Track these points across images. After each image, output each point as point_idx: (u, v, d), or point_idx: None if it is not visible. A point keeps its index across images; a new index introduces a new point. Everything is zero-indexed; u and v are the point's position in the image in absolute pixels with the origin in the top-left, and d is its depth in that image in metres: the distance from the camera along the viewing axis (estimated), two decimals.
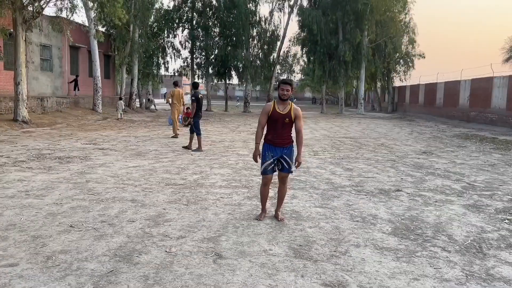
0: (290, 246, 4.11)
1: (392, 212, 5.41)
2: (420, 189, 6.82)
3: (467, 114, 24.14)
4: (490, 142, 14.43)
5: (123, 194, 6.04)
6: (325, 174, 7.92)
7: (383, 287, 3.23)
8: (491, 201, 6.07)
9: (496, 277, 3.48)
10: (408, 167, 8.92)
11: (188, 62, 34.83)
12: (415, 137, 16.05)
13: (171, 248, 3.95)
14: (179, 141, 13.05)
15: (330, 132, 17.86)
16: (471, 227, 4.81)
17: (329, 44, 32.93)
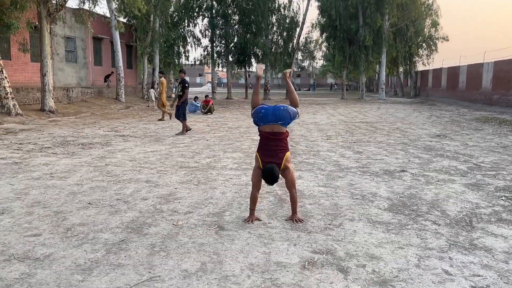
0: (285, 226, 4.41)
1: (392, 190, 5.64)
2: (425, 169, 6.99)
3: (490, 97, 23.71)
4: (509, 125, 14.28)
5: (139, 176, 6.45)
6: (334, 157, 8.16)
7: (368, 254, 3.51)
8: (493, 180, 6.21)
9: (478, 246, 3.70)
10: (418, 150, 9.05)
11: (208, 51, 35.18)
12: (432, 121, 16.00)
13: (178, 222, 4.31)
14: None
15: (347, 117, 17.95)
16: (467, 204, 5.01)
17: (349, 29, 32.63)
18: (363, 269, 3.24)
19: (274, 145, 4.23)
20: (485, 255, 3.50)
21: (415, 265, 3.31)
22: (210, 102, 19.57)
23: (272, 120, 4.24)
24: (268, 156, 4.20)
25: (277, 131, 4.25)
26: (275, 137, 4.25)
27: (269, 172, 4.09)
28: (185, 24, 34.51)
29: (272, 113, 4.24)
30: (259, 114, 4.29)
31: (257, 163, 4.28)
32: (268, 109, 4.27)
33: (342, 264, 3.33)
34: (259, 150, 4.32)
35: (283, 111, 4.25)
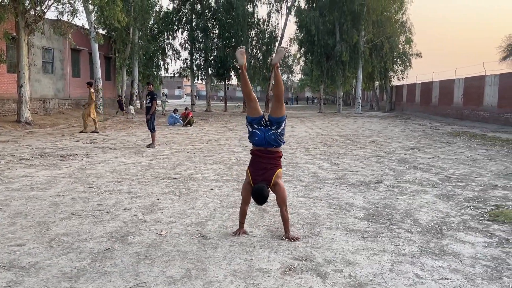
0: (269, 228, 4.58)
1: (368, 201, 5.87)
2: (399, 181, 7.27)
3: (461, 112, 24.57)
4: (479, 139, 14.86)
5: (121, 187, 6.51)
6: (312, 169, 8.39)
7: (345, 260, 3.69)
8: (462, 191, 6.52)
9: (447, 252, 3.94)
10: (392, 162, 9.38)
11: (187, 63, 35.35)
12: (407, 135, 16.50)
13: (161, 231, 4.42)
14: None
15: (325, 130, 18.32)
16: (437, 213, 5.27)
17: (327, 44, 33.36)
18: (341, 274, 3.42)
19: (265, 162, 4.21)
20: (453, 260, 3.73)
21: (389, 269, 3.51)
22: (190, 115, 19.66)
23: (265, 145, 4.22)
24: (258, 173, 4.18)
25: (270, 150, 4.25)
26: (267, 155, 4.23)
27: (258, 193, 4.07)
28: (165, 37, 34.67)
29: (265, 140, 4.18)
30: (253, 140, 4.27)
31: (247, 178, 4.28)
32: (260, 137, 4.18)
33: (320, 269, 3.50)
34: (250, 167, 4.29)
35: (275, 136, 4.17)
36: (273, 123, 4.17)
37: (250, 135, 4.30)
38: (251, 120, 4.26)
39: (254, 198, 4.13)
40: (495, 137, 15.51)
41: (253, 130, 4.24)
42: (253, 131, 4.24)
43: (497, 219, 4.99)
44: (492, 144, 13.18)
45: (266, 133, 4.17)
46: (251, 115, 4.26)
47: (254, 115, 4.24)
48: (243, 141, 13.43)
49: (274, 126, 4.17)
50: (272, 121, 4.18)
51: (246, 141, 13.23)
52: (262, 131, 4.19)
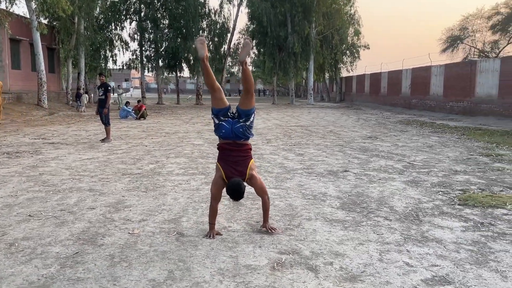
0: (248, 222, 4.39)
1: (340, 189, 5.84)
2: (365, 169, 7.32)
3: (409, 101, 25.50)
4: (429, 127, 15.44)
5: (80, 184, 6.07)
6: (278, 159, 8.28)
7: (332, 252, 3.59)
8: (427, 177, 6.66)
9: (429, 238, 3.94)
10: (354, 151, 9.47)
11: (137, 55, 34.19)
12: (361, 124, 16.85)
13: (134, 230, 4.12)
14: None
15: (281, 121, 18.34)
16: (410, 199, 5.31)
17: (279, 36, 33.42)
18: (331, 266, 3.30)
19: (235, 155, 3.95)
20: (437, 246, 3.73)
21: (378, 259, 3.44)
22: (143, 107, 18.99)
23: (233, 138, 3.94)
24: (230, 167, 3.92)
25: (238, 143, 3.98)
26: (236, 148, 3.97)
27: (234, 188, 3.79)
28: (112, 27, 33.26)
29: (232, 133, 3.90)
30: (219, 132, 3.97)
31: (218, 173, 3.98)
32: (227, 129, 3.90)
33: (310, 263, 3.37)
34: (220, 161, 4.01)
35: (243, 129, 3.90)
36: (242, 115, 3.90)
37: (216, 127, 4.00)
38: (217, 112, 3.95)
39: (230, 193, 3.85)
40: (444, 124, 16.19)
41: (219, 122, 3.94)
42: (219, 124, 3.94)
43: (467, 203, 5.10)
44: (443, 132, 13.72)
45: (234, 125, 3.89)
46: (217, 106, 3.95)
47: (220, 106, 3.94)
48: (202, 134, 13.13)
49: (242, 119, 3.89)
50: (240, 113, 3.91)
51: (206, 134, 12.95)
52: (230, 123, 3.90)
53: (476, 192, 5.62)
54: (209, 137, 12.18)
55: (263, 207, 4.15)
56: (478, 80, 18.23)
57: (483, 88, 17.92)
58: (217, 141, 4.21)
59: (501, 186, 6.01)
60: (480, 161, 8.17)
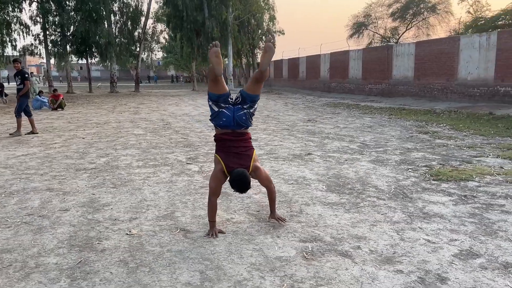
0: (248, 212, 4.19)
1: (316, 173, 5.84)
2: (325, 151, 7.43)
3: (328, 85, 26.55)
4: (356, 108, 16.21)
5: (33, 184, 5.36)
6: None
7: (352, 236, 3.55)
8: (388, 156, 6.94)
9: (431, 214, 4.08)
10: (303, 134, 9.59)
11: (40, 40, 31.19)
12: (292, 108, 17.17)
13: (130, 230, 3.71)
14: None
15: None
16: (387, 178, 5.48)
17: (196, 21, 32.63)
18: (361, 250, 3.26)
19: (237, 146, 3.62)
20: (443, 221, 3.87)
21: (400, 239, 3.47)
22: (61, 97, 17.43)
23: (234, 127, 3.62)
24: (232, 159, 3.57)
25: (238, 132, 3.66)
26: (237, 138, 3.64)
27: (241, 180, 3.45)
28: (9, 9, 29.87)
29: (234, 121, 3.58)
30: (219, 121, 3.61)
31: (218, 166, 3.61)
32: (229, 117, 3.56)
33: (338, 248, 3.29)
34: (219, 152, 3.64)
35: (246, 116, 3.61)
36: (247, 101, 3.58)
37: (215, 115, 3.62)
38: (217, 98, 3.58)
39: (235, 186, 3.49)
40: (368, 106, 17.10)
41: (219, 110, 3.57)
42: (219, 111, 3.57)
43: (440, 178, 5.39)
44: (371, 113, 14.48)
45: (236, 112, 3.55)
46: (217, 91, 3.56)
47: (220, 92, 3.56)
48: (137, 123, 12.40)
49: (247, 105, 3.58)
50: (245, 98, 3.58)
51: (143, 123, 12.25)
52: (231, 110, 3.56)
53: (440, 167, 5.97)
54: (146, 126, 11.54)
55: (270, 197, 3.87)
56: (395, 63, 19.51)
57: (400, 70, 19.23)
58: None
59: (456, 161, 6.45)
60: (422, 138, 8.74)
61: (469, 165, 6.10)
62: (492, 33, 14.27)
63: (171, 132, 10.20)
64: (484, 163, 6.22)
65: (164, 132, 10.21)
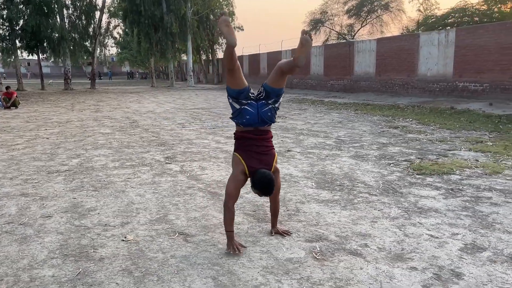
0: (245, 213, 4.08)
1: (300, 169, 5.80)
2: (304, 147, 7.42)
3: (290, 81, 26.70)
4: (322, 104, 16.40)
5: (4, 189, 4.97)
6: (212, 144, 7.92)
7: (356, 233, 3.52)
8: (366, 151, 7.02)
9: (425, 209, 4.13)
10: (277, 130, 9.55)
11: None
12: None
13: (126, 236, 3.50)
14: None
15: (177, 104, 17.66)
16: (372, 173, 5.53)
17: (154, 15, 31.91)
18: (369, 248, 3.23)
19: (260, 145, 3.30)
20: (440, 216, 3.92)
21: (404, 235, 3.48)
22: (14, 94, 16.45)
23: (257, 124, 3.29)
24: (255, 159, 3.24)
25: (262, 130, 3.35)
26: (260, 137, 3.33)
27: (268, 181, 3.11)
28: None
29: (258, 118, 3.25)
30: (242, 119, 3.27)
31: (239, 167, 3.25)
32: (253, 114, 3.23)
33: (346, 247, 3.25)
34: (240, 151, 3.30)
35: (272, 112, 3.28)
36: (271, 95, 3.25)
37: (237, 113, 3.29)
38: (238, 94, 3.25)
39: (262, 187, 3.13)
40: (332, 102, 17.36)
41: (242, 106, 3.25)
42: (242, 108, 3.24)
43: (423, 172, 5.50)
44: (337, 108, 14.70)
45: (260, 108, 3.24)
46: (237, 87, 3.24)
47: (240, 87, 3.24)
48: (101, 121, 11.92)
49: (271, 99, 3.26)
50: (270, 92, 3.25)
51: (107, 121, 11.78)
52: (254, 106, 3.24)
53: (420, 162, 6.10)
54: (112, 124, 11.11)
55: (274, 211, 3.53)
56: (356, 59, 19.90)
57: (361, 66, 19.63)
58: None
59: (433, 154, 6.62)
60: (394, 133, 8.93)
61: (446, 159, 6.27)
62: (451, 30, 14.84)
63: (140, 131, 9.87)
64: (459, 156, 6.43)
65: (133, 131, 9.86)
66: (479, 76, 13.55)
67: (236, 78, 3.24)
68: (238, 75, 3.23)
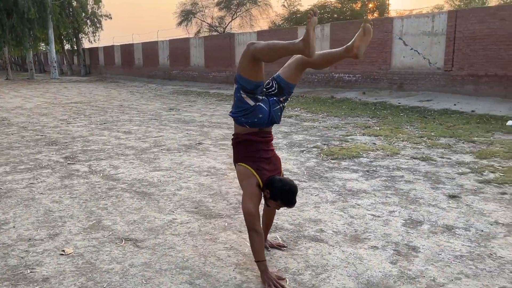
0: (187, 210, 3.87)
1: (222, 161, 5.71)
2: (214, 139, 7.32)
3: (169, 72, 26.07)
4: (208, 96, 16.35)
5: None
6: (112, 140, 7.33)
7: (307, 220, 3.60)
8: (274, 140, 7.21)
9: (354, 191, 4.41)
10: (177, 123, 9.25)
11: None
12: (142, 97, 16.35)
13: (64, 250, 3.04)
14: None
15: (47, 98, 15.91)
16: (292, 161, 5.70)
17: None
18: (326, 233, 3.33)
19: (266, 150, 2.82)
20: (371, 196, 4.22)
21: (350, 217, 3.66)
22: None
23: (265, 125, 2.78)
24: (264, 166, 2.75)
25: (266, 131, 2.86)
26: (267, 139, 2.85)
27: (295, 188, 2.68)
28: None
29: (269, 117, 2.72)
30: (253, 118, 2.68)
31: (252, 181, 2.69)
32: (266, 113, 2.68)
33: (305, 234, 3.30)
34: (247, 161, 2.75)
35: (281, 112, 2.80)
36: (284, 92, 2.76)
37: (249, 112, 2.66)
38: (255, 87, 2.63)
39: (287, 197, 2.64)
40: (219, 93, 17.40)
41: (256, 104, 2.65)
42: (257, 106, 2.65)
43: (336, 157, 5.85)
44: (226, 100, 14.78)
45: (272, 106, 2.71)
46: (256, 78, 2.61)
47: (259, 78, 2.63)
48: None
49: (283, 97, 2.77)
50: (284, 88, 2.75)
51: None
52: (267, 104, 2.70)
53: (328, 147, 6.49)
54: None
55: (269, 222, 3.09)
56: (237, 51, 20.22)
57: None
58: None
59: (335, 140, 7.09)
60: (291, 122, 9.34)
61: (348, 144, 6.77)
62: (326, 25, 16.00)
63: (18, 129, 8.67)
64: (358, 141, 7.00)
65: (8, 130, 8.61)
66: (352, 67, 14.92)
67: (260, 68, 2.64)
68: (262, 65, 2.66)
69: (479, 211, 3.76)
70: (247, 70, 2.61)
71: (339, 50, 2.63)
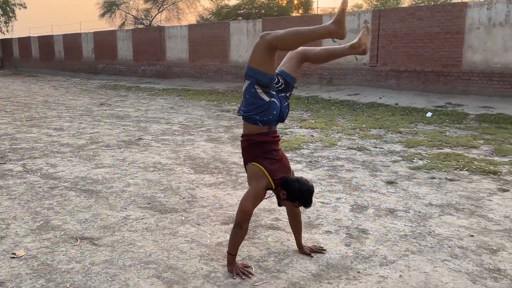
0: (140, 206, 3.81)
1: (167, 156, 5.66)
2: (153, 135, 7.20)
3: (94, 66, 24.91)
4: (139, 90, 15.91)
5: None
6: (44, 138, 6.93)
7: (261, 210, 3.72)
8: (217, 134, 7.26)
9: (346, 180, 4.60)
10: (112, 119, 8.94)
11: None
12: (67, 92, 15.52)
13: (15, 253, 2.88)
14: None
15: None
16: (237, 154, 5.79)
17: None
18: (282, 221, 3.48)
19: (276, 149, 2.75)
20: (317, 185, 4.43)
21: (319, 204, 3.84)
22: None
23: (275, 122, 2.72)
24: (276, 167, 2.68)
25: (274, 129, 2.77)
26: (276, 138, 2.76)
27: (312, 187, 2.68)
28: None
29: (280, 114, 2.66)
30: (268, 116, 2.60)
31: (263, 182, 2.64)
32: (278, 109, 2.62)
33: (262, 223, 3.42)
34: (261, 160, 2.66)
35: (288, 109, 2.75)
36: (290, 87, 2.71)
37: (264, 109, 2.57)
38: (270, 81, 2.55)
39: (305, 197, 2.64)
40: (150, 87, 16.99)
41: (270, 99, 2.57)
42: (271, 102, 2.57)
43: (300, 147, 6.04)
44: (158, 94, 14.47)
45: (282, 103, 2.65)
46: (271, 71, 2.53)
47: (273, 71, 2.56)
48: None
49: (288, 92, 2.72)
50: (290, 82, 2.71)
51: None
52: (278, 100, 2.63)
53: None
54: None
55: (297, 223, 2.96)
56: (168, 45, 19.86)
57: (174, 52, 19.70)
58: None
59: None
60: (229, 116, 9.43)
61: (288, 136, 7.01)
62: (258, 20, 16.23)
63: None
64: (297, 133, 7.27)
65: None
66: None
67: (274, 60, 2.53)
68: (275, 58, 2.54)
69: (414, 194, 4.12)
70: (261, 63, 2.50)
71: (343, 47, 2.64)
